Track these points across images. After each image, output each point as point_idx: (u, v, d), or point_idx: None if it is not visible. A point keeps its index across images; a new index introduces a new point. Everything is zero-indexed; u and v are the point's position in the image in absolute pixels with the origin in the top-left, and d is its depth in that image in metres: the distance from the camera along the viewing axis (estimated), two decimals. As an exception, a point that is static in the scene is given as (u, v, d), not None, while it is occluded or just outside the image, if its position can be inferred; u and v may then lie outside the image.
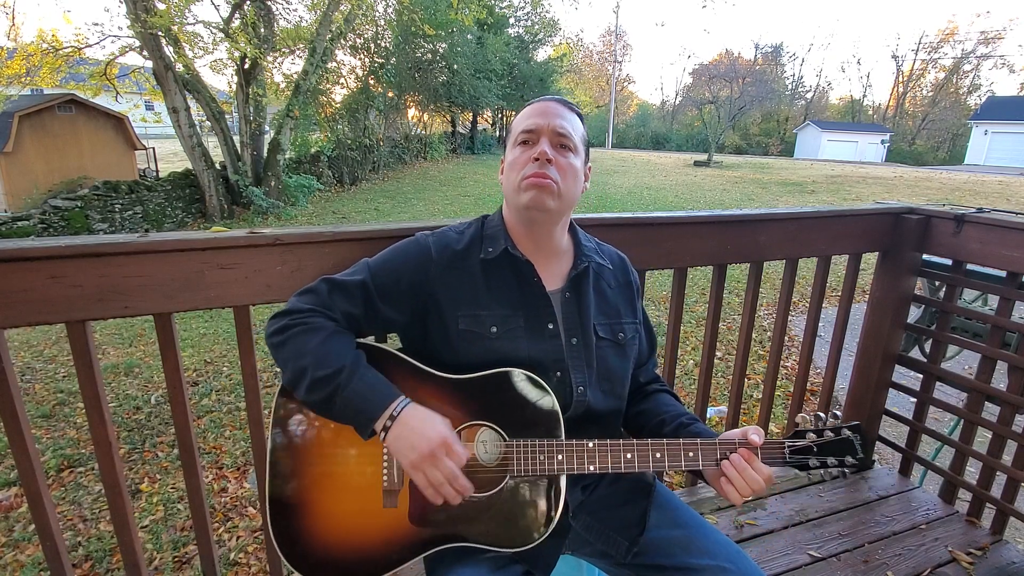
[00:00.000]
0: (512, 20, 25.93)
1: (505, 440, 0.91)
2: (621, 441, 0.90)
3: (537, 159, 0.93)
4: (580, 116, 1.02)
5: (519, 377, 0.92)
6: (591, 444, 0.89)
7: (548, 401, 0.91)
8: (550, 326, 0.98)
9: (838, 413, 0.93)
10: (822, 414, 0.94)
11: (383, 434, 0.85)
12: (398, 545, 0.91)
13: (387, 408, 0.85)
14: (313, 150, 14.96)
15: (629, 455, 0.90)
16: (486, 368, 0.93)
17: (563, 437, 0.90)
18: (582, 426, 0.97)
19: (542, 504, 0.91)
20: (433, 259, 0.97)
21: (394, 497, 0.91)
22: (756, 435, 0.89)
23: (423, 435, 0.84)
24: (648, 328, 1.15)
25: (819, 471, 0.91)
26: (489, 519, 0.91)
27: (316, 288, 0.95)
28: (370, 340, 1.01)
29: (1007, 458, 1.60)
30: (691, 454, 0.90)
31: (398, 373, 0.94)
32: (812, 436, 0.91)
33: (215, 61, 12.08)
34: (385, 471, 0.91)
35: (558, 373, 0.97)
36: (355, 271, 0.98)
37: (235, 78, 12.06)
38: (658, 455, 0.90)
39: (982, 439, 1.62)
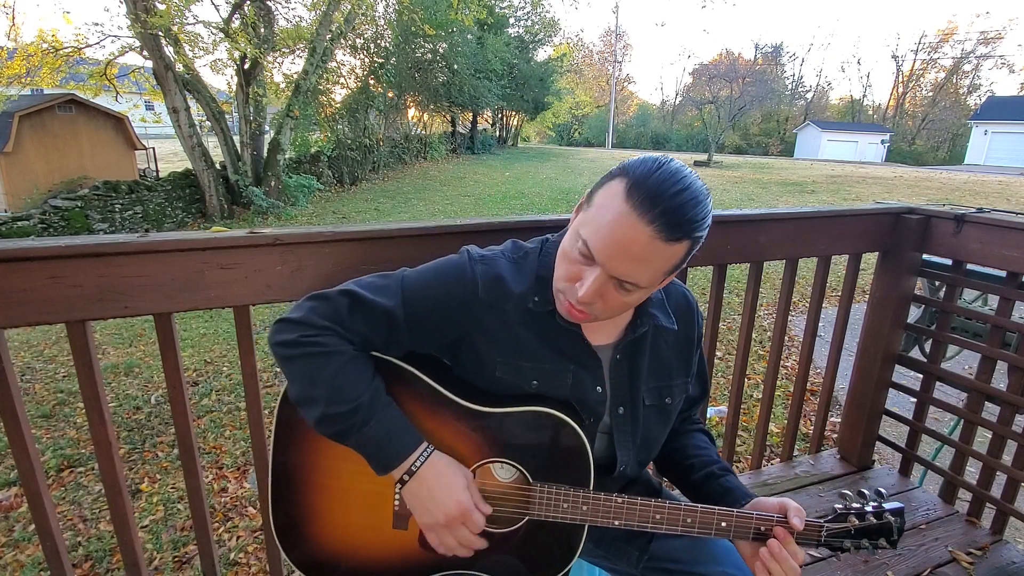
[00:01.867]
0: (512, 20, 25.94)
1: (529, 481, 0.87)
2: (652, 501, 0.85)
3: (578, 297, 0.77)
4: (695, 238, 0.75)
5: (554, 420, 0.85)
6: (619, 499, 0.84)
7: (582, 450, 0.85)
8: (598, 389, 0.89)
9: (882, 491, 0.90)
10: (865, 491, 0.90)
11: (399, 486, 0.81)
12: (405, 567, 0.90)
13: (406, 460, 0.79)
14: (313, 150, 14.96)
15: (658, 516, 0.85)
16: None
17: (591, 488, 0.86)
18: (607, 479, 0.94)
19: (558, 549, 0.88)
20: (479, 297, 0.84)
21: (404, 521, 0.89)
22: (798, 518, 0.83)
23: (441, 502, 0.79)
24: (701, 376, 1.05)
25: (849, 550, 0.89)
26: (502, 555, 0.89)
27: (335, 300, 0.82)
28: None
29: (1007, 458, 1.60)
30: (724, 524, 0.84)
31: (420, 398, 0.88)
32: (854, 520, 0.87)
33: (215, 61, 12.09)
34: (397, 495, 0.88)
35: (591, 419, 0.90)
36: (386, 290, 0.84)
37: (235, 78, 12.07)
38: (689, 521, 0.85)
39: (982, 439, 1.62)
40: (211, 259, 1.04)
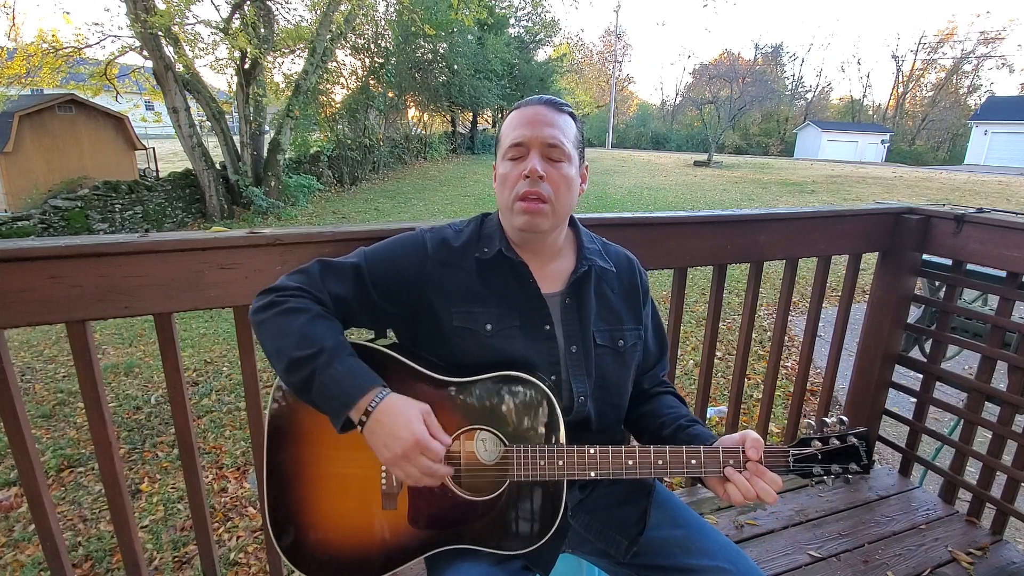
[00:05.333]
0: (512, 20, 25.95)
1: (505, 444, 0.90)
2: (623, 447, 0.89)
3: (528, 176, 0.91)
4: (572, 115, 0.98)
5: (520, 381, 0.90)
6: (592, 450, 0.88)
7: (550, 406, 0.89)
8: (546, 327, 0.96)
9: (844, 419, 0.91)
10: (828, 419, 0.91)
11: (360, 428, 0.83)
12: (397, 546, 0.91)
13: (363, 398, 0.82)
14: (313, 150, 14.96)
15: (631, 461, 0.88)
16: (482, 366, 0.91)
17: (563, 442, 0.89)
18: (579, 434, 0.96)
19: (542, 508, 0.90)
20: (428, 254, 0.96)
21: (393, 500, 0.91)
22: (754, 450, 0.86)
23: (396, 435, 0.81)
24: (657, 332, 1.11)
25: (822, 478, 0.90)
26: (488, 522, 0.90)
27: (309, 269, 0.93)
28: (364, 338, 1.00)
29: (1007, 458, 1.60)
30: (693, 461, 0.88)
31: (392, 375, 0.92)
32: (817, 444, 0.89)
33: (215, 61, 12.10)
34: (384, 474, 0.91)
35: (552, 376, 0.95)
36: (351, 255, 0.97)
37: (235, 78, 12.06)
38: (660, 462, 0.88)
39: (982, 439, 1.62)
40: (211, 259, 1.04)
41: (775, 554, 1.53)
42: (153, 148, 15.00)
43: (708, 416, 2.04)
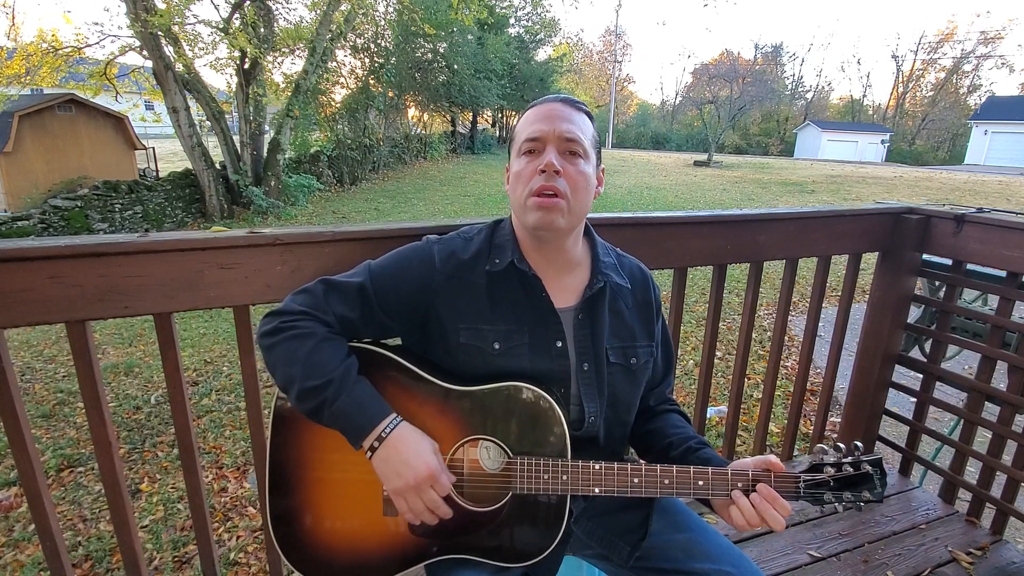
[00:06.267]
0: (512, 20, 25.95)
1: (509, 456, 0.89)
2: (629, 465, 0.88)
3: (544, 170, 0.88)
4: (590, 115, 0.96)
5: (527, 393, 0.88)
6: (597, 466, 0.87)
7: (557, 419, 0.88)
8: (558, 344, 0.93)
9: (859, 444, 0.89)
10: (842, 445, 0.89)
11: (369, 453, 0.84)
12: (398, 553, 0.91)
13: (374, 429, 0.83)
14: (313, 150, 14.96)
15: (636, 479, 0.87)
16: (489, 379, 0.89)
17: (569, 457, 0.88)
18: (585, 450, 0.95)
19: (545, 522, 0.89)
20: (436, 268, 0.93)
21: (394, 506, 0.90)
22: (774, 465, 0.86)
23: (409, 465, 0.82)
24: (666, 348, 1.09)
25: (832, 505, 0.88)
26: (490, 534, 0.90)
27: (312, 289, 0.92)
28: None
29: (1007, 458, 1.60)
30: (700, 483, 0.87)
31: (397, 381, 0.91)
32: (830, 470, 0.87)
33: (215, 61, 12.11)
34: None
35: (561, 390, 0.93)
36: (355, 273, 0.94)
37: (235, 78, 12.06)
38: (666, 482, 0.87)
39: (982, 439, 1.62)
40: (211, 259, 1.04)
41: (775, 554, 1.53)
42: (153, 148, 15.00)
43: (708, 416, 2.04)
